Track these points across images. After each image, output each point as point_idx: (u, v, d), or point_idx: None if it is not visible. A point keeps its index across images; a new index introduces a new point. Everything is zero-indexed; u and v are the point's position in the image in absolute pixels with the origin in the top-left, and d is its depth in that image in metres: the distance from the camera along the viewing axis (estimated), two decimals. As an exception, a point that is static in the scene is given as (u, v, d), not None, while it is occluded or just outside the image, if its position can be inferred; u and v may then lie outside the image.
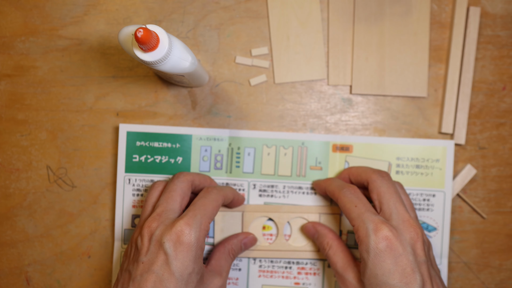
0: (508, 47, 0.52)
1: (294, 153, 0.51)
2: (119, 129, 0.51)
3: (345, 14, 0.52)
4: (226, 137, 0.51)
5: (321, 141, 0.51)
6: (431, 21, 0.52)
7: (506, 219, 0.52)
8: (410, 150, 0.51)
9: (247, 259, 0.51)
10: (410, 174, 0.51)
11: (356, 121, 0.52)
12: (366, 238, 0.41)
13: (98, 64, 0.52)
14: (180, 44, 0.40)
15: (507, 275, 0.52)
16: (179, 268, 0.40)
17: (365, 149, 0.51)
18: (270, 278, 0.51)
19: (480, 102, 0.52)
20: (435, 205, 0.50)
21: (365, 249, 0.41)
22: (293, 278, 0.51)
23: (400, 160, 0.51)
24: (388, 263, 0.40)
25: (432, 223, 0.51)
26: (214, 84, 0.52)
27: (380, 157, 0.51)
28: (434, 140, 0.51)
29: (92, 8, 0.52)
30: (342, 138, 0.51)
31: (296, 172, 0.51)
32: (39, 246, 0.52)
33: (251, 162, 0.51)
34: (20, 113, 0.52)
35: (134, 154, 0.51)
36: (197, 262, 0.41)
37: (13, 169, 0.52)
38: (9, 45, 0.52)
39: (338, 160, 0.51)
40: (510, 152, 0.52)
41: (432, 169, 0.51)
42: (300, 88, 0.52)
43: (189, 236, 0.40)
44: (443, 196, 0.51)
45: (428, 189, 0.51)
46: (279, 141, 0.51)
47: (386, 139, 0.51)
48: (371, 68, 0.52)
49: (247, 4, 0.52)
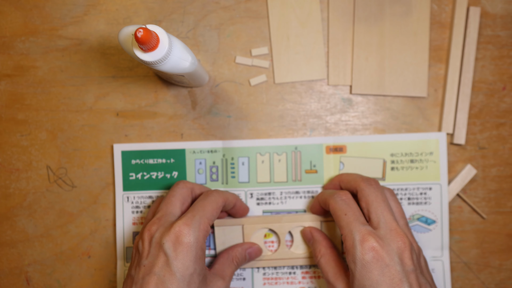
0: (508, 47, 0.52)
1: (288, 159, 0.51)
2: (114, 149, 0.51)
3: (345, 14, 0.52)
4: (219, 149, 0.51)
5: (314, 144, 0.51)
6: (431, 21, 0.52)
7: (506, 219, 0.52)
8: (403, 145, 0.51)
9: (250, 268, 0.51)
10: (405, 169, 0.51)
11: (356, 121, 0.52)
12: (352, 248, 0.41)
13: (98, 64, 0.52)
14: (180, 44, 0.40)
15: (507, 275, 0.52)
16: (180, 269, 0.40)
17: (358, 148, 0.51)
18: (275, 285, 0.51)
19: (480, 102, 0.52)
20: (432, 198, 0.51)
21: (352, 259, 0.41)
22: (298, 283, 0.51)
23: (394, 156, 0.51)
24: (375, 274, 0.40)
25: (431, 216, 0.51)
26: (214, 84, 0.52)
27: (374, 155, 0.51)
28: (426, 134, 0.51)
29: (92, 8, 0.52)
30: (335, 140, 0.51)
31: (292, 178, 0.51)
32: (39, 246, 0.52)
33: (246, 171, 0.51)
34: (20, 113, 0.52)
35: (131, 172, 0.51)
36: (198, 263, 0.41)
37: (13, 169, 0.52)
38: (9, 45, 0.52)
39: (333, 162, 0.51)
40: (510, 152, 0.52)
41: (426, 162, 0.51)
42: (300, 88, 0.52)
43: (188, 236, 0.40)
44: (439, 188, 0.51)
45: (424, 182, 0.51)
46: (272, 148, 0.51)
47: (379, 137, 0.51)
48: (371, 68, 0.52)
49: (247, 4, 0.52)
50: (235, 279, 0.51)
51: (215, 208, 0.44)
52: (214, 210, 0.44)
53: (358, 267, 0.40)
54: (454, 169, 0.52)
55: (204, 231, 0.42)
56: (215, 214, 0.44)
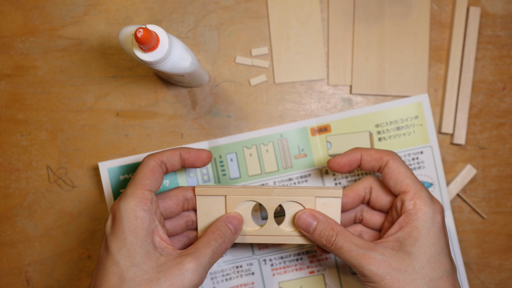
0: (508, 47, 0.52)
1: (275, 147, 0.51)
2: (99, 168, 0.50)
3: (345, 14, 0.52)
4: (206, 149, 0.50)
5: (298, 128, 0.51)
6: (431, 21, 0.52)
7: (506, 219, 0.52)
8: (386, 114, 0.51)
9: (257, 262, 0.51)
10: (393, 137, 0.51)
11: (356, 121, 0.52)
12: (425, 206, 0.40)
13: (98, 64, 0.52)
14: (180, 44, 0.40)
15: (507, 275, 0.52)
16: (112, 245, 0.38)
17: (342, 125, 0.51)
18: (285, 274, 0.51)
19: (480, 102, 0.52)
20: (426, 161, 0.51)
21: (422, 217, 0.40)
22: (306, 268, 0.51)
23: (379, 127, 0.51)
24: (442, 240, 0.40)
25: (427, 180, 0.51)
26: (214, 84, 0.52)
27: (360, 129, 0.51)
28: (407, 98, 0.51)
29: (92, 8, 0.52)
30: (317, 120, 0.51)
31: (282, 165, 0.51)
32: (39, 246, 0.52)
33: (236, 167, 0.51)
34: (20, 113, 0.52)
35: (121, 189, 0.50)
36: (136, 235, 0.38)
37: (13, 169, 0.52)
38: (9, 45, 0.52)
39: (320, 143, 0.51)
40: (510, 152, 0.52)
41: (413, 127, 0.51)
42: (300, 88, 0.52)
43: (118, 212, 0.38)
44: (430, 150, 0.51)
45: (414, 147, 0.51)
46: (257, 139, 0.51)
47: (361, 110, 0.51)
48: (371, 68, 0.52)
49: (247, 4, 0.52)
50: (244, 275, 0.51)
51: (146, 172, 0.41)
52: (146, 175, 0.40)
53: (428, 226, 0.39)
54: (454, 169, 0.52)
55: (137, 199, 0.39)
56: (150, 177, 0.40)
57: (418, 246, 0.39)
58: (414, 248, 0.39)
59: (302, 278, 0.51)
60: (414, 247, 0.39)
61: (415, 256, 0.39)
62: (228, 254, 0.51)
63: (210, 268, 0.41)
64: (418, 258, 0.39)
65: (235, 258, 0.51)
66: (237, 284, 0.51)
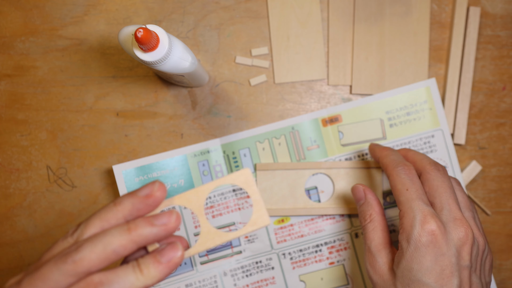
0: (508, 47, 0.52)
1: (287, 140, 0.51)
2: (114, 171, 0.50)
3: (345, 14, 0.52)
4: (218, 146, 0.51)
5: (309, 120, 0.51)
6: (431, 21, 0.52)
7: (506, 219, 0.52)
8: (396, 101, 0.51)
9: (276, 256, 0.51)
10: (404, 123, 0.51)
11: (356, 121, 0.52)
12: (410, 227, 0.38)
13: (98, 64, 0.52)
14: (180, 44, 0.40)
15: (507, 275, 0.52)
16: None
17: (353, 114, 0.51)
18: (305, 267, 0.51)
19: (480, 102, 0.52)
20: (437, 144, 0.51)
21: (406, 238, 0.38)
22: (326, 259, 0.51)
23: (390, 113, 0.51)
24: (427, 260, 0.37)
25: (441, 163, 0.50)
26: (214, 84, 0.52)
27: (370, 117, 0.51)
28: (415, 84, 0.51)
29: (92, 8, 0.52)
30: (328, 111, 0.51)
31: (295, 158, 0.51)
32: (39, 246, 0.52)
33: (250, 162, 0.51)
34: (20, 113, 0.52)
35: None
36: None
37: (13, 169, 0.52)
38: (9, 45, 0.52)
39: (332, 133, 0.51)
40: (510, 152, 0.52)
41: (422, 111, 0.51)
42: (300, 88, 0.52)
43: None
44: (441, 134, 0.51)
45: (425, 131, 0.51)
46: (269, 133, 0.51)
47: (370, 98, 0.51)
48: (371, 68, 0.52)
49: (247, 4, 0.52)
50: (264, 270, 0.51)
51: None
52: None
53: (411, 248, 0.38)
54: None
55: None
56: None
57: (400, 268, 0.39)
58: (398, 269, 0.39)
59: (322, 270, 0.51)
60: (398, 268, 0.39)
61: (398, 278, 0.39)
62: (247, 250, 0.51)
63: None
64: (400, 281, 0.39)
65: (254, 254, 0.51)
66: (258, 279, 0.51)
